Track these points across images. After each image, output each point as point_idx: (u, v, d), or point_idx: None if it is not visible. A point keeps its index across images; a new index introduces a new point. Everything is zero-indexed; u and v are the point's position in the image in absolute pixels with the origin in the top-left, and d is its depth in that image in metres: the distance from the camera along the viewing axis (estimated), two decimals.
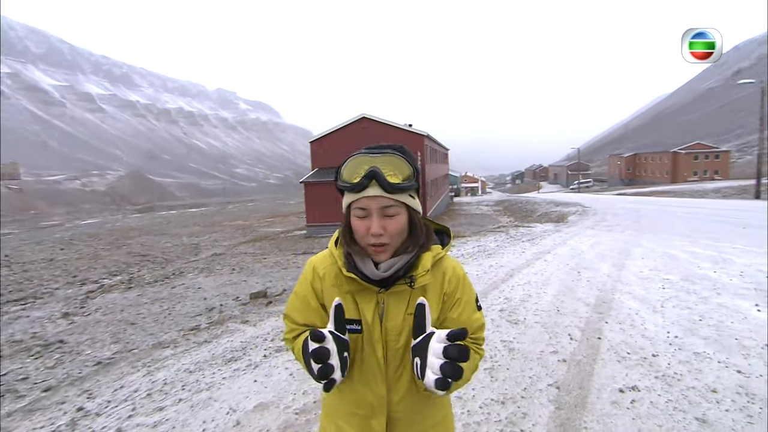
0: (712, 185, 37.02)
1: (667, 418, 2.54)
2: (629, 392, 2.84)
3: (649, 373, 3.10)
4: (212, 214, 52.06)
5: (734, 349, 3.49)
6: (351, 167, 1.05)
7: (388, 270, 1.05)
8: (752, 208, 16.62)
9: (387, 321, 1.08)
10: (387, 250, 1.04)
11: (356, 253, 1.07)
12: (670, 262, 6.89)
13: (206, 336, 4.72)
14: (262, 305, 6.65)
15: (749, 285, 5.41)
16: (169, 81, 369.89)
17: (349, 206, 1.06)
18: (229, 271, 12.34)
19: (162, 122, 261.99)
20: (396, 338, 1.08)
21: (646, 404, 2.69)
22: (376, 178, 1.00)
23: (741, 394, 2.78)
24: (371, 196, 1.01)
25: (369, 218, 1.02)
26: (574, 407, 2.69)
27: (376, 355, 1.08)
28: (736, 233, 9.72)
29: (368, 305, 1.08)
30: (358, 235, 1.05)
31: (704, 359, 3.30)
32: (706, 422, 2.48)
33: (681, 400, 2.72)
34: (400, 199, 1.02)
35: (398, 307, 1.08)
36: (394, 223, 1.03)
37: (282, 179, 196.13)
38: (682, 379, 2.98)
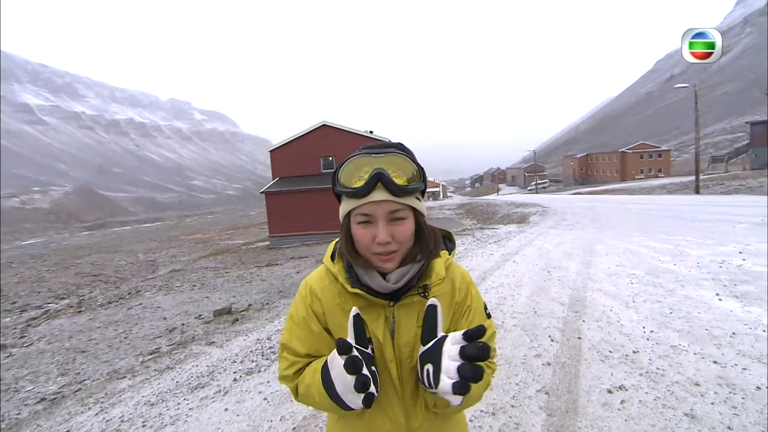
0: (657, 182, 39.41)
1: (658, 416, 2.51)
2: (618, 392, 2.81)
3: (633, 370, 3.09)
4: (169, 229, 49.82)
5: (706, 339, 3.57)
6: (351, 169, 0.94)
7: (399, 281, 0.95)
8: (694, 202, 17.76)
9: (399, 337, 0.97)
10: (395, 258, 0.94)
11: (360, 265, 0.96)
12: (633, 258, 7.13)
13: (168, 361, 4.33)
14: (228, 323, 6.27)
15: (706, 275, 5.65)
16: (117, 91, 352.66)
17: (349, 213, 0.95)
18: (190, 288, 11.70)
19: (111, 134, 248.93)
20: (410, 355, 0.97)
21: (636, 403, 2.66)
22: (381, 181, 0.90)
23: (722, 386, 2.81)
24: (377, 201, 0.90)
25: (374, 225, 0.92)
26: (566, 413, 2.62)
27: (390, 376, 0.97)
28: (686, 227, 10.26)
29: (377, 322, 0.97)
30: (361, 245, 0.94)
31: (681, 352, 3.35)
32: (695, 417, 2.48)
33: (668, 397, 2.71)
34: (407, 203, 0.93)
35: (410, 321, 0.98)
36: (402, 228, 0.93)
37: (242, 190, 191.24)
38: (665, 375, 2.99)
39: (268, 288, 10.35)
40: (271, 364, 3.87)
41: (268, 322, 5.60)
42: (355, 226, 0.94)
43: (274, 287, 10.33)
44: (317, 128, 24.80)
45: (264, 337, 4.78)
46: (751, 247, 7.21)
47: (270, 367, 3.81)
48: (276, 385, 3.38)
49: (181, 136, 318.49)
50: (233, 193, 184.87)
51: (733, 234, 8.64)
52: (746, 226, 9.37)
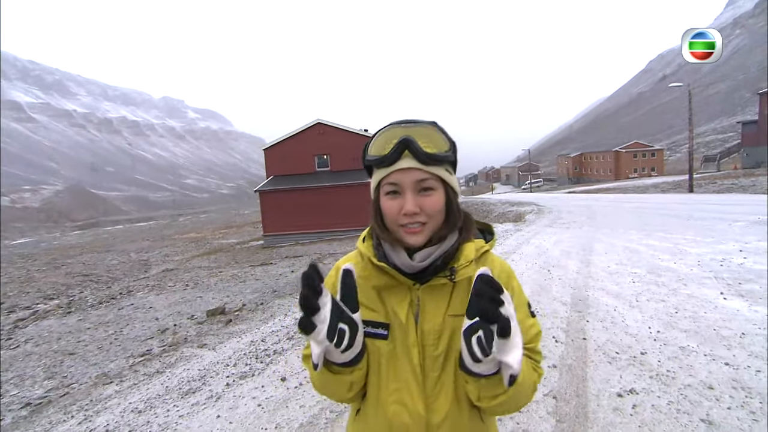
0: (651, 181, 39.62)
1: (673, 422, 2.39)
2: (628, 396, 2.69)
3: (643, 373, 2.98)
4: (162, 228, 49.35)
5: (715, 340, 3.47)
6: (381, 140, 0.90)
7: (424, 260, 0.90)
8: (689, 200, 17.81)
9: (424, 322, 0.91)
10: (423, 231, 0.88)
11: (388, 240, 0.91)
12: (633, 256, 7.05)
13: (158, 365, 4.17)
14: (221, 324, 6.10)
15: (708, 274, 5.58)
16: (109, 89, 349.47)
17: (378, 185, 0.91)
18: (183, 288, 11.50)
19: (103, 132, 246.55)
20: (434, 343, 0.90)
21: (649, 408, 2.54)
22: (409, 148, 0.86)
23: (737, 389, 2.70)
24: (404, 169, 0.86)
25: (401, 196, 0.88)
26: (575, 419, 2.50)
27: (411, 362, 0.90)
28: (683, 225, 10.23)
29: (401, 303, 0.92)
30: (388, 217, 0.90)
31: (691, 353, 3.24)
32: (713, 423, 2.36)
33: (682, 401, 2.60)
34: (436, 173, 0.88)
35: (437, 305, 0.91)
36: (430, 200, 0.88)
37: (235, 189, 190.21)
38: (676, 377, 2.88)
39: (262, 288, 10.17)
40: (266, 368, 3.72)
41: (263, 323, 5.45)
42: (383, 198, 0.90)
43: (268, 287, 10.16)
44: (312, 126, 24.60)
45: (258, 339, 4.62)
46: (750, 245, 7.16)
47: (264, 370, 3.66)
48: (271, 391, 3.24)
49: (174, 135, 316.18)
50: (227, 191, 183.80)
51: (731, 232, 8.61)
52: (743, 225, 9.35)
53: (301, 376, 3.52)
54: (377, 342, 0.92)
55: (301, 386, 3.32)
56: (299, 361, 3.88)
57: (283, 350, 4.19)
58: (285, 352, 4.14)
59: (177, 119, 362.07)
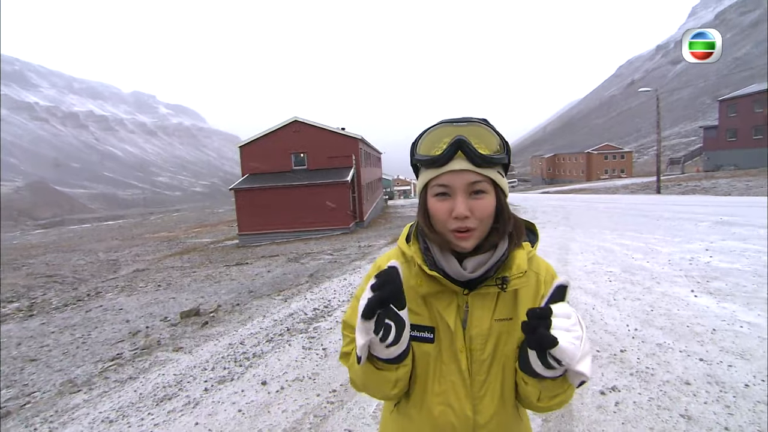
0: (621, 182, 41.01)
1: (654, 418, 2.45)
2: (611, 394, 2.74)
3: (623, 370, 3.04)
4: (132, 226, 47.71)
5: (689, 336, 3.59)
6: (431, 139, 0.88)
7: (476, 270, 0.88)
8: (657, 201, 18.50)
9: (471, 327, 0.91)
10: (473, 236, 0.86)
11: (436, 243, 0.90)
12: (607, 255, 7.24)
13: (131, 371, 3.98)
14: (197, 326, 5.90)
15: (679, 272, 5.78)
16: (75, 81, 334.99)
17: (426, 186, 0.89)
18: (155, 288, 11.11)
19: (68, 127, 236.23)
20: (481, 347, 0.91)
21: (631, 405, 2.59)
22: (462, 149, 0.83)
23: (712, 384, 2.79)
24: (456, 171, 0.84)
25: (452, 198, 0.85)
26: (561, 417, 2.52)
27: (459, 367, 0.91)
28: (653, 225, 10.59)
29: (449, 308, 0.91)
30: (436, 220, 0.88)
31: (667, 350, 3.34)
32: (692, 418, 2.43)
33: (662, 397, 2.66)
34: (489, 175, 0.86)
35: (484, 311, 0.91)
36: (482, 203, 0.85)
37: (209, 187, 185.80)
38: (655, 374, 2.95)
39: (238, 288, 9.94)
40: (246, 372, 3.61)
41: (240, 325, 5.30)
42: (431, 199, 0.88)
43: (244, 287, 9.94)
44: (288, 124, 24.26)
45: (236, 342, 4.49)
46: (715, 244, 7.48)
47: (244, 374, 3.55)
48: (252, 395, 3.14)
49: (144, 131, 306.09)
50: (200, 189, 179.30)
51: (697, 232, 8.97)
52: (708, 225, 9.76)
53: (283, 379, 3.43)
54: (423, 346, 0.92)
55: (283, 390, 3.23)
56: (280, 363, 3.79)
57: (262, 353, 4.08)
58: (265, 355, 4.03)
59: (148, 115, 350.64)
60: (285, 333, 4.75)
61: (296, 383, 3.34)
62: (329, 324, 4.97)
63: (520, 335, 0.86)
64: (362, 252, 12.78)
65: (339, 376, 3.44)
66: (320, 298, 6.49)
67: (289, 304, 6.38)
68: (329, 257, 12.88)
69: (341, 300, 6.24)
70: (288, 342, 4.39)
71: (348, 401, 3.00)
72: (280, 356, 3.96)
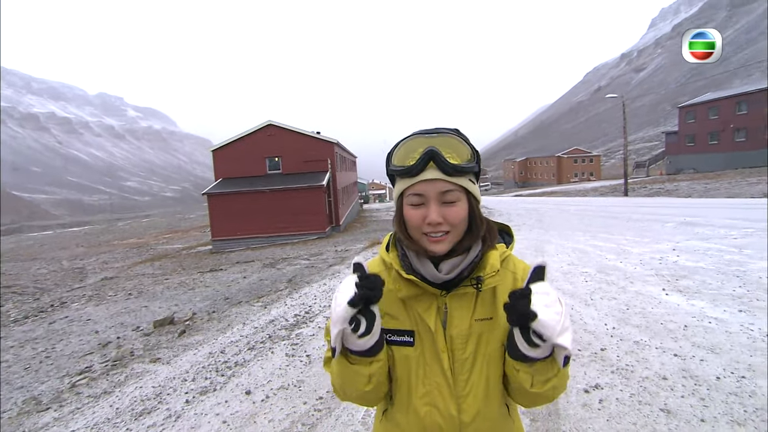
0: (590, 185, 42.41)
1: (636, 413, 2.53)
2: (594, 391, 2.81)
3: (605, 368, 3.13)
4: (99, 233, 45.81)
5: (663, 333, 3.73)
6: (405, 150, 0.92)
7: (450, 272, 0.93)
8: (625, 203, 19.23)
9: (452, 328, 0.94)
10: (446, 240, 0.90)
11: (412, 249, 0.94)
12: (582, 256, 7.45)
13: (105, 384, 3.81)
14: (174, 336, 5.71)
15: (650, 272, 6.02)
16: (34, 81, 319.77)
17: (402, 194, 0.94)
18: (125, 297, 10.69)
19: (27, 129, 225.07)
20: (462, 347, 0.94)
21: (614, 402, 2.67)
22: (434, 159, 0.88)
23: (687, 378, 2.91)
24: (429, 180, 0.89)
25: (425, 206, 0.90)
26: (548, 417, 2.57)
27: (441, 367, 0.94)
28: (623, 226, 11.00)
29: (428, 311, 0.95)
30: (412, 226, 0.92)
31: (644, 347, 3.46)
32: (671, 412, 2.52)
33: (642, 393, 2.75)
34: (460, 183, 0.90)
35: (463, 311, 0.95)
36: (454, 210, 0.90)
37: (180, 192, 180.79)
38: (635, 371, 3.06)
39: (213, 295, 9.69)
40: (228, 381, 3.51)
41: (220, 333, 5.17)
42: (407, 207, 0.92)
43: (219, 294, 9.70)
44: (263, 128, 23.93)
45: (217, 351, 4.37)
46: (681, 244, 7.83)
47: (227, 384, 3.45)
48: (236, 405, 3.06)
49: (112, 134, 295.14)
50: (171, 194, 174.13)
51: (664, 232, 9.37)
52: (673, 225, 10.21)
53: (267, 388, 3.36)
54: (404, 349, 0.96)
55: (268, 399, 3.16)
56: (263, 372, 3.71)
57: (245, 362, 3.98)
58: (248, 363, 3.94)
59: (115, 117, 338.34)
60: (267, 340, 4.66)
61: (282, 391, 3.28)
62: (312, 330, 4.91)
63: (501, 334, 0.93)
64: (340, 256, 12.71)
65: (325, 382, 3.40)
66: (301, 304, 6.41)
67: (269, 310, 6.27)
68: (306, 262, 12.75)
69: (322, 305, 6.18)
70: (270, 349, 4.31)
71: (336, 408, 2.97)
72: (264, 364, 3.88)
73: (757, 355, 3.21)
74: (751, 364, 3.06)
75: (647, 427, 2.40)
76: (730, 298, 4.57)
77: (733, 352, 3.28)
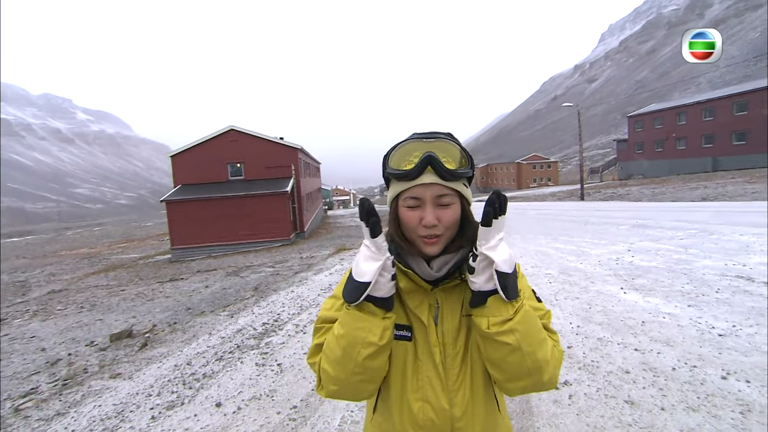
0: (549, 190, 44.16)
1: (603, 406, 2.65)
2: (564, 388, 2.92)
3: (572, 365, 3.26)
4: (44, 243, 42.81)
5: (623, 329, 3.94)
6: (402, 153, 0.96)
7: (441, 269, 0.96)
8: (582, 207, 20.16)
9: (443, 323, 0.98)
10: (440, 242, 0.95)
11: (406, 250, 0.98)
12: (545, 259, 7.74)
13: (58, 405, 3.55)
14: (134, 349, 5.42)
15: (609, 272, 6.34)
16: None
17: (397, 197, 0.97)
18: (77, 311, 10.03)
19: None
20: (453, 341, 0.98)
21: (582, 397, 2.78)
22: (432, 164, 0.91)
23: (647, 371, 3.08)
24: (426, 184, 0.92)
25: (421, 208, 0.94)
26: (522, 414, 2.64)
27: (433, 361, 0.97)
28: (582, 229, 11.53)
29: (421, 306, 0.99)
30: (407, 228, 0.96)
31: (607, 343, 3.63)
32: (634, 403, 2.66)
33: (607, 387, 2.89)
34: (455, 188, 0.95)
35: (453, 307, 0.99)
36: (448, 213, 0.94)
37: (136, 199, 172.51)
38: (600, 366, 3.20)
39: (174, 305, 9.28)
40: (197, 394, 3.37)
41: (185, 345, 4.95)
42: (402, 209, 0.96)
43: (181, 304, 9.30)
44: (224, 133, 23.32)
45: (183, 363, 4.19)
46: (635, 245, 8.30)
47: (195, 397, 3.31)
48: (206, 419, 2.94)
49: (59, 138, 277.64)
50: (126, 202, 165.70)
51: (619, 234, 9.90)
52: (627, 228, 10.81)
53: (239, 399, 3.26)
54: (402, 344, 0.98)
55: (240, 410, 3.06)
56: (233, 383, 3.59)
57: (213, 373, 3.84)
58: (216, 374, 3.80)
59: (63, 120, 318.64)
60: (235, 350, 4.51)
61: (254, 402, 3.18)
62: (281, 338, 4.81)
63: None
64: (305, 263, 12.53)
65: (299, 390, 3.33)
66: (269, 312, 6.26)
67: (236, 319, 6.08)
68: (271, 270, 12.48)
69: (291, 313, 6.07)
70: (240, 359, 4.18)
71: (311, 416, 2.92)
72: (233, 375, 3.76)
73: (706, 345, 3.45)
74: (701, 354, 3.29)
75: (614, 418, 2.52)
76: (680, 294, 4.89)
77: (685, 344, 3.51)
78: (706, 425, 2.39)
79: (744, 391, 2.71)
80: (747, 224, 9.49)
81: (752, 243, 7.39)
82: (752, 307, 4.25)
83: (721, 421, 2.42)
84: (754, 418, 2.43)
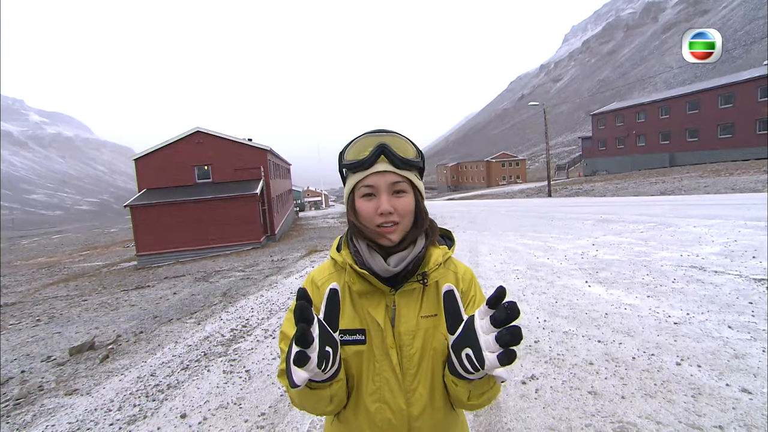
0: (517, 187, 45.24)
1: (568, 398, 2.72)
2: (531, 382, 2.98)
3: (539, 359, 3.33)
4: None
5: (588, 322, 4.07)
6: (357, 147, 0.99)
7: (398, 264, 0.97)
8: (549, 204, 20.75)
9: (399, 324, 0.98)
10: (398, 230, 0.96)
11: (368, 235, 0.98)
12: (513, 255, 7.91)
13: (5, 430, 3.33)
14: (94, 362, 5.16)
15: (574, 266, 6.54)
16: None
17: (353, 189, 1.00)
18: (32, 324, 9.49)
19: None
20: (410, 343, 0.98)
21: (548, 390, 2.85)
22: (384, 153, 0.96)
23: (609, 361, 3.19)
24: (380, 172, 0.95)
25: (377, 198, 0.96)
26: (490, 410, 2.67)
27: (390, 363, 0.97)
28: (549, 225, 11.85)
29: (377, 308, 0.99)
30: (364, 218, 0.97)
31: (572, 336, 3.74)
32: (597, 393, 2.75)
33: (572, 379, 2.97)
34: (408, 177, 0.98)
35: (410, 308, 0.99)
36: (403, 201, 0.96)
37: (98, 204, 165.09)
38: (565, 359, 3.29)
39: (139, 314, 8.93)
40: (161, 406, 3.24)
41: (149, 355, 4.76)
42: (359, 200, 0.97)
43: (147, 312, 8.96)
44: (190, 135, 22.63)
45: (146, 374, 4.02)
46: (599, 239, 8.60)
47: (159, 409, 3.19)
48: (171, 431, 2.83)
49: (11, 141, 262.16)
50: (87, 208, 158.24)
51: (584, 229, 10.24)
52: (591, 223, 11.20)
53: (205, 409, 3.16)
54: (355, 347, 0.97)
55: (206, 421, 2.97)
56: (199, 392, 3.48)
57: (178, 383, 3.70)
58: (181, 384, 3.67)
59: (15, 122, 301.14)
60: (202, 358, 4.38)
61: (220, 411, 3.09)
62: (250, 344, 4.70)
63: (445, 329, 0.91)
64: (276, 266, 12.34)
65: (267, 397, 3.26)
66: (237, 318, 6.12)
67: (203, 326, 5.90)
68: (241, 274, 12.21)
69: (261, 317, 5.95)
70: (206, 368, 4.05)
71: (279, 423, 2.86)
72: (199, 384, 3.64)
73: (663, 334, 3.60)
74: (659, 343, 3.43)
75: (578, 410, 2.59)
76: (641, 286, 5.10)
77: (645, 333, 3.66)
78: (662, 410, 2.49)
79: (695, 375, 2.85)
80: (700, 216, 10.02)
81: (704, 234, 7.81)
82: (704, 295, 4.48)
83: (675, 405, 2.54)
84: (704, 400, 2.55)
